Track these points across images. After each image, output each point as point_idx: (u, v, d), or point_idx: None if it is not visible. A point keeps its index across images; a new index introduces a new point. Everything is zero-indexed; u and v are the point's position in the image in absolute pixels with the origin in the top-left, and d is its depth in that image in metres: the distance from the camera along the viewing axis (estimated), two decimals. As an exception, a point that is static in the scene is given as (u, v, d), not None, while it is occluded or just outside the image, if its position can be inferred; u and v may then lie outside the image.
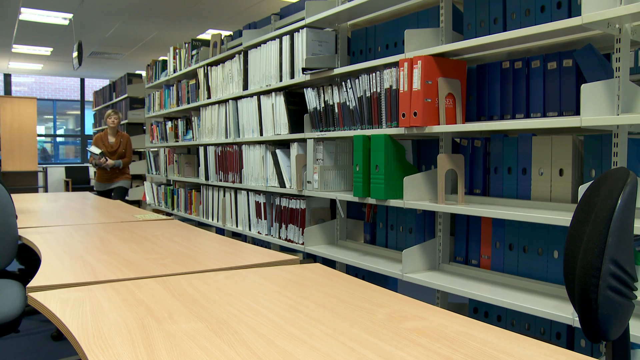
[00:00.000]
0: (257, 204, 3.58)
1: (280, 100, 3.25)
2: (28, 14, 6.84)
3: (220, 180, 4.11)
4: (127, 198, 7.14)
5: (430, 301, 1.37)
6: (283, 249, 3.36)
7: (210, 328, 1.08)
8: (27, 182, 10.04)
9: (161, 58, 5.71)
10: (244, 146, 3.75)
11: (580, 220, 1.31)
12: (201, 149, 4.41)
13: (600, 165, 1.90)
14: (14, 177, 9.84)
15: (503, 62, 2.23)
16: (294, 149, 3.12)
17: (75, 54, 6.81)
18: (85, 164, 11.88)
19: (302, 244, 3.05)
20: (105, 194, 5.91)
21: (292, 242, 3.18)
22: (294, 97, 3.23)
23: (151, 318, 1.14)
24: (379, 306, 1.23)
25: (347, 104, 2.72)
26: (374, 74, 2.54)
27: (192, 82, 4.67)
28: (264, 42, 3.46)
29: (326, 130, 2.91)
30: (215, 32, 6.89)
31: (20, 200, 3.96)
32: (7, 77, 11.58)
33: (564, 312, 1.77)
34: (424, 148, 2.64)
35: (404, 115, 2.33)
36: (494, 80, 2.27)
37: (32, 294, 1.33)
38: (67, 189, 10.92)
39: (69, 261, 1.74)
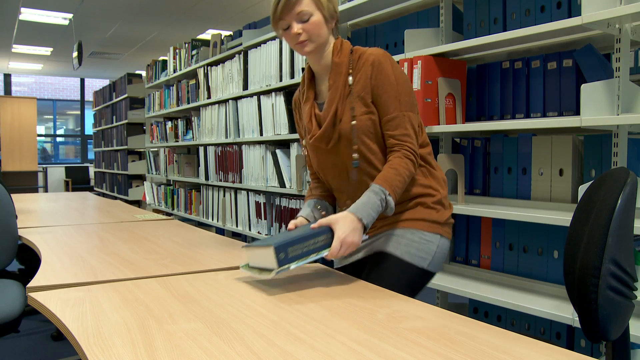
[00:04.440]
0: (257, 204, 3.58)
1: (280, 100, 3.25)
2: (28, 14, 6.84)
3: (220, 180, 4.11)
4: (127, 198, 7.14)
5: (430, 301, 1.37)
6: (283, 249, 3.36)
7: (210, 328, 1.08)
8: (27, 182, 10.04)
9: (161, 58, 5.71)
10: (244, 146, 3.74)
11: (580, 220, 1.31)
12: (201, 149, 4.41)
13: (600, 165, 1.90)
14: (14, 177, 9.84)
15: (503, 62, 2.23)
16: (294, 149, 3.12)
17: (75, 54, 6.81)
18: (85, 164, 11.87)
19: (302, 244, 3.04)
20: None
21: (292, 242, 3.17)
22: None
23: (151, 318, 1.14)
24: (379, 306, 1.23)
25: (347, 104, 2.71)
26: (374, 74, 2.54)
27: (192, 82, 4.67)
28: (264, 42, 3.46)
29: (326, 130, 2.91)
30: (215, 32, 6.89)
31: (20, 200, 3.96)
32: (7, 77, 11.59)
33: (564, 312, 1.76)
34: (424, 148, 2.64)
35: (404, 115, 2.33)
36: (494, 80, 2.27)
37: (32, 294, 1.33)
38: (67, 189, 10.92)
39: (69, 261, 1.74)
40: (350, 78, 1.52)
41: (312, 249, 1.35)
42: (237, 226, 3.91)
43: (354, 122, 1.48)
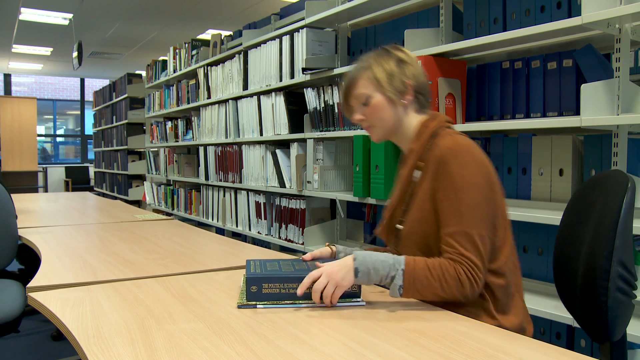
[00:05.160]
0: (257, 204, 3.58)
1: (280, 100, 3.25)
2: (28, 14, 6.84)
3: (220, 180, 4.11)
4: (127, 198, 7.14)
5: (430, 301, 1.37)
6: (283, 249, 3.36)
7: (210, 328, 1.08)
8: (27, 182, 10.04)
9: (161, 58, 5.71)
10: (244, 146, 3.74)
11: (573, 222, 1.32)
12: (201, 149, 4.41)
13: (600, 165, 1.90)
14: (14, 177, 9.84)
15: (503, 62, 2.23)
16: (294, 149, 3.12)
17: (75, 54, 6.81)
18: (85, 164, 11.87)
19: (302, 244, 3.05)
20: None
21: (292, 242, 3.18)
22: (294, 97, 3.23)
23: (151, 318, 1.14)
24: (379, 306, 1.23)
25: (347, 104, 2.71)
26: (374, 74, 2.54)
27: (192, 82, 4.67)
28: (264, 42, 3.46)
29: (326, 130, 2.91)
30: (215, 32, 6.89)
31: (20, 200, 3.96)
32: (7, 77, 11.58)
33: (564, 312, 1.76)
34: (424, 148, 2.64)
35: (404, 115, 2.33)
36: (494, 80, 2.27)
37: (32, 294, 1.33)
38: (67, 189, 10.92)
39: (69, 261, 1.74)
40: (418, 173, 1.28)
41: (293, 292, 1.23)
42: (237, 226, 3.91)
43: (401, 227, 1.29)
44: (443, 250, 1.20)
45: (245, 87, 3.74)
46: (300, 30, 3.06)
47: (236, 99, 3.86)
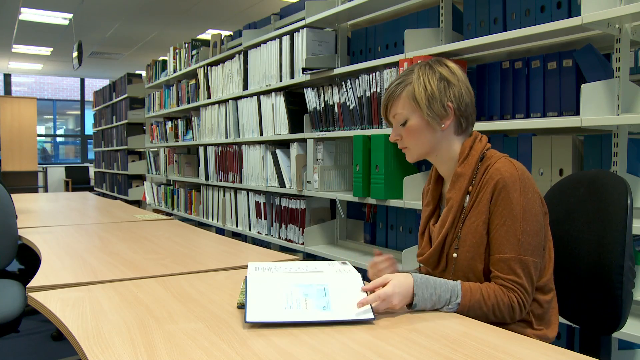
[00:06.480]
0: (257, 204, 3.58)
1: (280, 100, 3.25)
2: (28, 14, 6.83)
3: (220, 180, 4.11)
4: (127, 198, 7.14)
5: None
6: (283, 249, 3.36)
7: (210, 328, 1.08)
8: (27, 182, 10.04)
9: (161, 58, 5.71)
10: (244, 146, 3.74)
11: (559, 221, 1.36)
12: (201, 149, 4.41)
13: (600, 165, 1.90)
14: (14, 177, 9.84)
15: (503, 62, 2.23)
16: (294, 149, 3.12)
17: (75, 54, 6.81)
18: (85, 164, 11.87)
19: (302, 244, 3.05)
20: None
21: (292, 242, 3.18)
22: (294, 97, 3.23)
23: (151, 318, 1.14)
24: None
25: (347, 104, 2.72)
26: (374, 74, 2.54)
27: (192, 82, 4.67)
28: (264, 42, 3.46)
29: (326, 130, 2.91)
30: (215, 32, 6.89)
31: (20, 200, 3.96)
32: (7, 77, 11.58)
33: (563, 312, 1.76)
34: (424, 148, 2.64)
35: (404, 115, 2.33)
36: (494, 80, 2.27)
37: (32, 294, 1.33)
38: (67, 189, 10.92)
39: (69, 261, 1.74)
40: (467, 198, 1.25)
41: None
42: (237, 226, 3.91)
43: (455, 255, 1.25)
44: (495, 274, 1.20)
45: (245, 87, 3.74)
46: (300, 30, 3.06)
47: (236, 99, 3.86)
